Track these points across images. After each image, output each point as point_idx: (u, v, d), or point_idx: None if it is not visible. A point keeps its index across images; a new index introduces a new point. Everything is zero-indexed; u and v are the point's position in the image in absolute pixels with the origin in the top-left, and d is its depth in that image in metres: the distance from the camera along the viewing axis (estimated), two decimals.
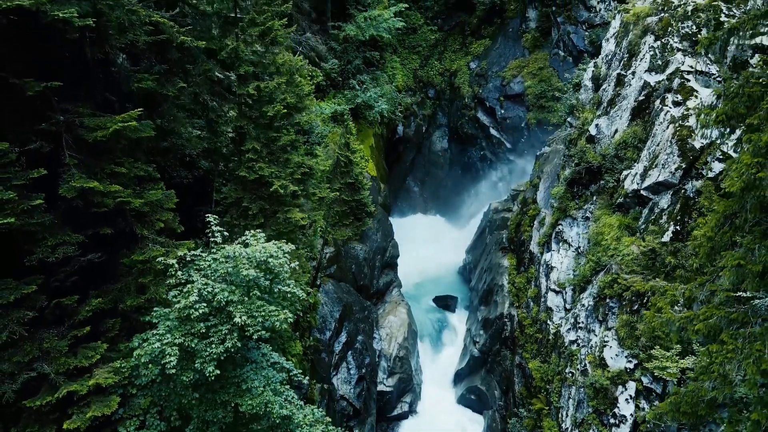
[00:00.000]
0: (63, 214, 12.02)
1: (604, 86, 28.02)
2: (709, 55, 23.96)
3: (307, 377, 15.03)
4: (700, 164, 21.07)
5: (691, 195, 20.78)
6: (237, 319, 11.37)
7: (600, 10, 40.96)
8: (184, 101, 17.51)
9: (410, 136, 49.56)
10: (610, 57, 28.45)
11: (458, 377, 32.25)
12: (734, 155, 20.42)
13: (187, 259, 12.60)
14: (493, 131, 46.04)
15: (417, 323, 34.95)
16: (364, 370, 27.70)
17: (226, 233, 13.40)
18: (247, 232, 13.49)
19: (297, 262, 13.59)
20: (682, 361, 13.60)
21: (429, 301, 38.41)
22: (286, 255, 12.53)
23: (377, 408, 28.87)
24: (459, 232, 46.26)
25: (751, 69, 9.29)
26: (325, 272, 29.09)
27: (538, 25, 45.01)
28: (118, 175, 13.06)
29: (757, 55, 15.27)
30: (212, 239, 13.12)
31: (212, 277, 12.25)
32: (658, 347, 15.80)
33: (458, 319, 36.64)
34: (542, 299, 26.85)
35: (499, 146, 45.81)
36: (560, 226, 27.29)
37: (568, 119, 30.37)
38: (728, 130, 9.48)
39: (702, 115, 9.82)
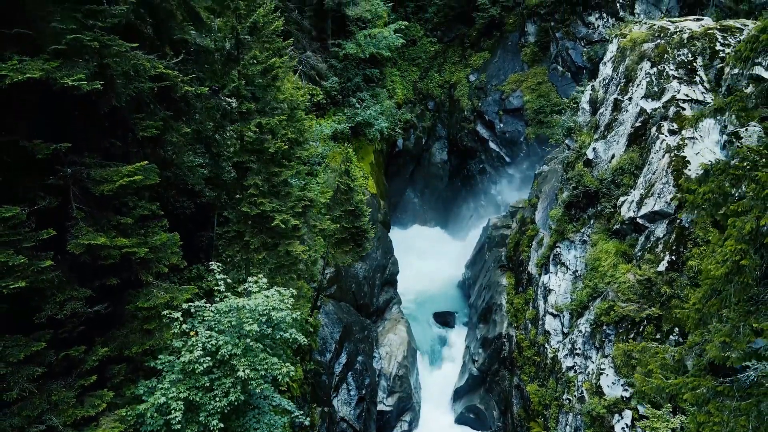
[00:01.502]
0: (70, 267, 12.32)
1: (601, 110, 28.30)
2: (705, 84, 24.29)
3: (308, 417, 15.31)
4: None
5: (687, 225, 21.08)
6: (240, 373, 11.70)
7: (598, 26, 41.25)
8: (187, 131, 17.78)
9: (410, 149, 49.94)
10: (607, 81, 28.73)
11: (457, 395, 32.57)
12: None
13: (192, 311, 12.90)
14: (492, 145, 46.33)
15: (416, 339, 35.28)
16: (364, 391, 28.01)
17: (229, 280, 13.71)
18: (249, 278, 13.79)
19: (299, 312, 13.90)
20: (672, 420, 13.94)
21: (428, 316, 38.74)
22: (288, 306, 12.85)
23: (377, 428, 29.21)
24: (458, 244, 46.61)
25: (737, 146, 9.58)
26: (325, 293, 29.41)
27: (537, 39, 45.27)
28: (124, 225, 13.36)
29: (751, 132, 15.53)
30: (216, 288, 13.43)
31: (216, 329, 12.58)
32: (649, 405, 16.15)
33: (457, 336, 36.96)
34: (540, 322, 27.16)
35: (499, 160, 46.10)
36: (558, 249, 27.60)
37: (566, 141, 30.67)
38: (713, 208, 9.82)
39: (688, 191, 10.13)
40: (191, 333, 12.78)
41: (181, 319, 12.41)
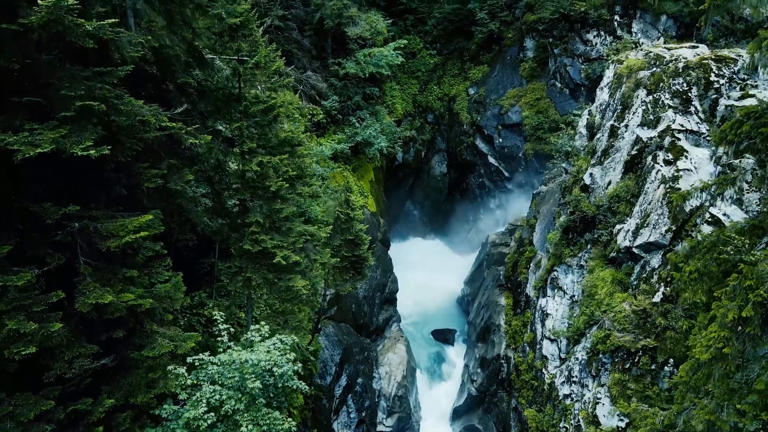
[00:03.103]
0: (77, 323, 12.66)
1: (598, 135, 28.63)
2: (700, 114, 24.63)
3: None
4: (690, 227, 21.71)
5: None
6: (244, 429, 12.07)
7: (596, 44, 41.55)
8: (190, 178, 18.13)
9: (409, 161, 50.22)
10: (604, 107, 29.06)
11: (456, 414, 32.93)
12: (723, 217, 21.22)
13: (196, 364, 13.26)
14: (491, 159, 46.63)
15: (415, 356, 35.62)
16: (363, 413, 28.37)
17: (232, 329, 14.06)
18: (251, 327, 14.14)
19: (300, 365, 14.24)
20: None
21: (428, 333, 39.08)
22: (290, 359, 13.20)
23: None
24: (458, 257, 46.94)
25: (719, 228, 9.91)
26: (325, 315, 29.73)
27: (536, 55, 45.53)
28: (131, 276, 13.70)
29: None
30: (219, 338, 13.79)
31: (219, 381, 12.94)
32: None
33: (456, 353, 37.30)
34: (538, 346, 27.50)
35: (498, 175, 46.39)
36: (555, 273, 27.91)
37: (563, 165, 31.02)
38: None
39: (674, 266, 10.47)
40: (195, 382, 13.13)
41: (186, 374, 12.76)
